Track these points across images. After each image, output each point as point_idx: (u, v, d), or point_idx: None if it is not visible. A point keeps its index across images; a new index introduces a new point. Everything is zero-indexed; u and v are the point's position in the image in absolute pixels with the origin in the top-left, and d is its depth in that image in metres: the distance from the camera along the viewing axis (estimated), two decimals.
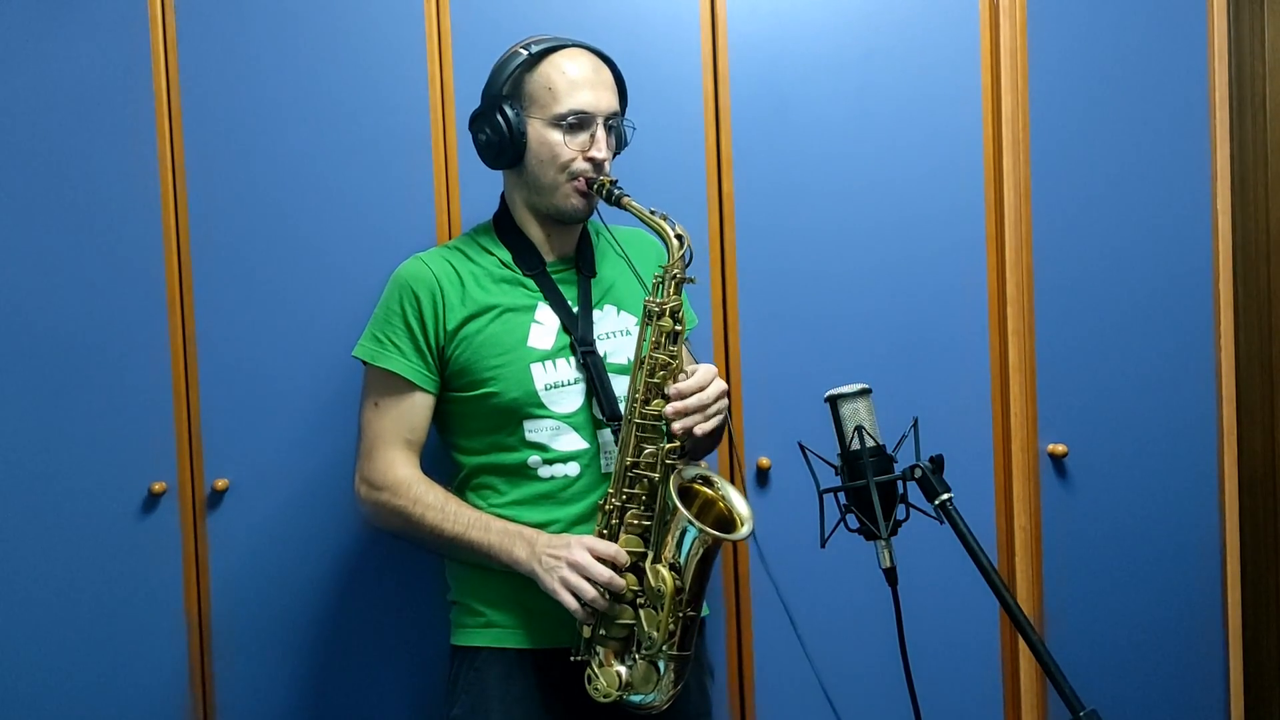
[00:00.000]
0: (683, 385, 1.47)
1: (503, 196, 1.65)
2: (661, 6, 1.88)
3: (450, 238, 1.85)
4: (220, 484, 1.83)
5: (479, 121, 1.58)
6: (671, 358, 1.49)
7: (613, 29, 1.84)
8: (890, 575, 1.29)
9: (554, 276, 1.61)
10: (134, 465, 1.83)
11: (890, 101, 1.91)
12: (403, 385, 1.56)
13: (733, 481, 1.54)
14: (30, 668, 1.82)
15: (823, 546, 1.29)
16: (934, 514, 1.28)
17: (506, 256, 1.60)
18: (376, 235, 1.85)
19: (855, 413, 1.32)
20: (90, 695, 1.83)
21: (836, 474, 1.34)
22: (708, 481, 1.51)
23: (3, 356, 1.81)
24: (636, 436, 1.49)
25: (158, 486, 1.82)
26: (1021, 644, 1.89)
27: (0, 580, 1.81)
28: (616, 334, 1.62)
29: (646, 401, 1.49)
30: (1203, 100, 1.94)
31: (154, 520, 1.83)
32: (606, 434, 1.57)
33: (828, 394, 1.34)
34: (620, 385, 1.57)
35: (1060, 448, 1.92)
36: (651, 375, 1.49)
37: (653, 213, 1.51)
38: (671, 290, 1.50)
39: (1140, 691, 1.97)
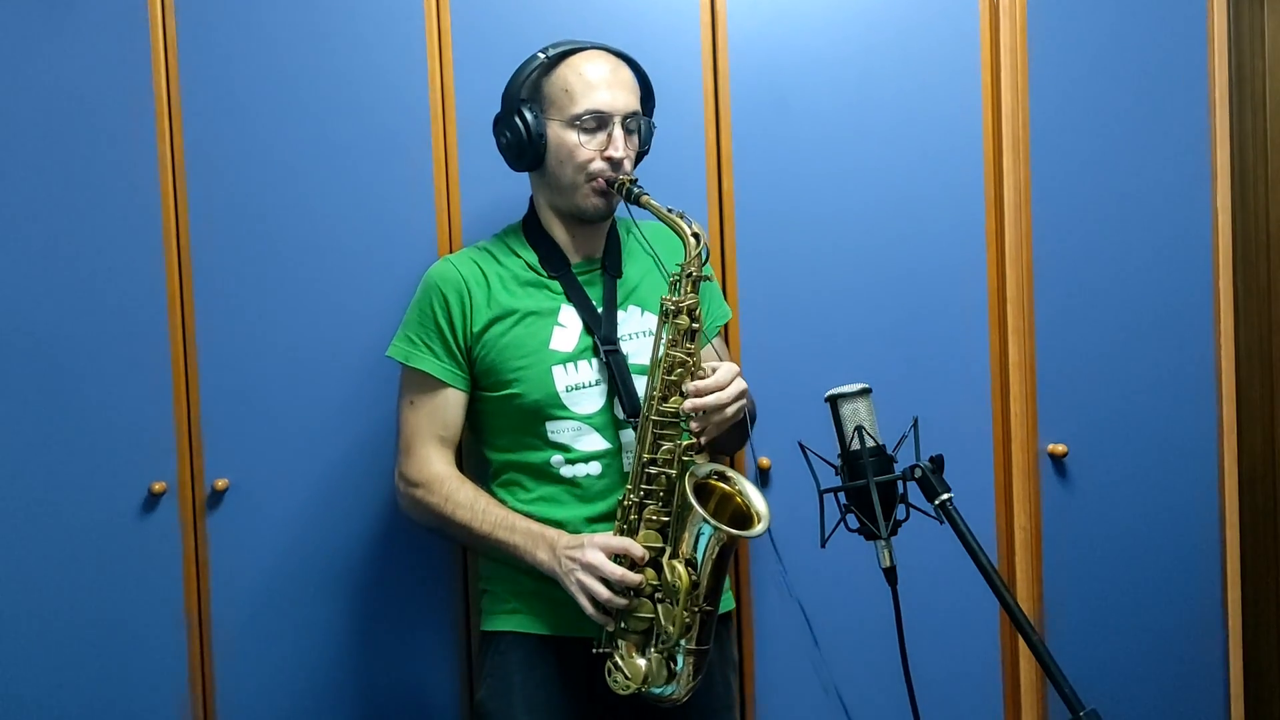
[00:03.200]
0: (701, 384, 1.48)
1: (531, 199, 1.67)
2: (661, 6, 1.87)
3: (450, 237, 1.85)
4: (220, 484, 1.83)
5: (500, 125, 1.61)
6: (689, 355, 1.50)
7: (613, 28, 1.83)
8: (890, 575, 1.29)
9: (579, 277, 1.63)
10: (134, 465, 1.82)
11: (890, 100, 1.91)
12: (435, 384, 1.60)
13: None
14: (30, 668, 1.81)
15: (823, 546, 1.29)
16: (934, 514, 1.28)
17: (533, 258, 1.63)
18: (376, 235, 1.85)
19: (855, 413, 1.32)
20: (90, 695, 1.83)
21: (836, 474, 1.34)
22: (724, 477, 1.52)
23: (3, 356, 1.80)
24: (654, 433, 1.50)
25: (158, 486, 1.82)
26: (1021, 644, 1.89)
27: (0, 580, 1.81)
28: (640, 334, 1.63)
29: (664, 399, 1.50)
30: (1203, 98, 1.94)
31: (154, 520, 1.83)
32: (629, 433, 1.58)
33: (828, 394, 1.34)
34: (642, 386, 1.57)
35: (1060, 448, 1.92)
36: (669, 373, 1.50)
37: (670, 211, 1.53)
38: (688, 288, 1.51)
39: (1140, 691, 1.97)
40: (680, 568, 1.44)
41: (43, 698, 1.82)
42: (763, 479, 1.90)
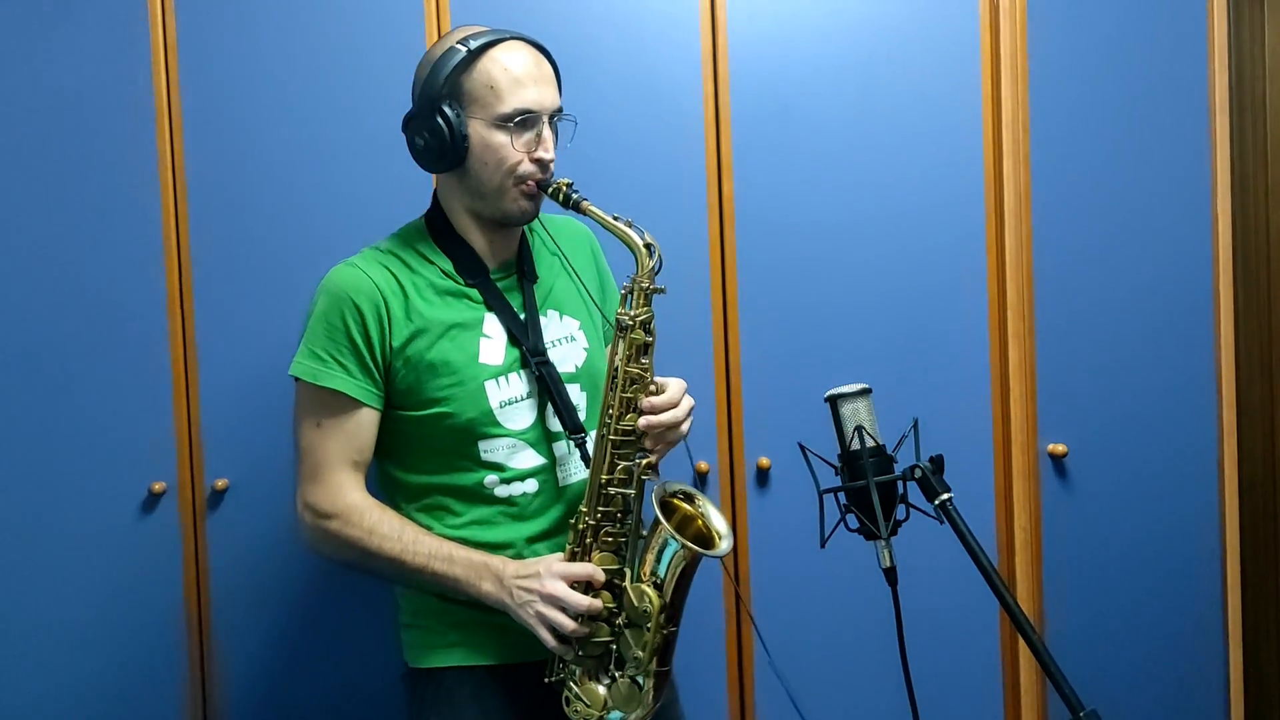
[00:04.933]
0: (656, 400, 1.43)
1: (435, 199, 1.55)
2: (661, 7, 1.88)
3: None
4: (220, 484, 1.83)
5: (415, 124, 1.47)
6: (644, 371, 1.44)
7: (612, 29, 1.84)
8: (890, 575, 1.29)
9: (498, 284, 1.52)
10: (134, 465, 1.83)
11: (890, 103, 1.91)
12: (349, 404, 1.45)
13: (732, 482, 1.53)
14: (31, 667, 1.82)
15: (823, 546, 1.29)
16: (934, 514, 1.28)
17: (448, 266, 1.50)
18: (377, 235, 1.84)
19: (855, 413, 1.32)
20: (90, 695, 1.83)
21: (836, 474, 1.34)
22: (689, 497, 1.48)
23: (3, 356, 1.81)
24: (611, 453, 1.43)
25: (158, 486, 1.82)
26: (1021, 644, 1.89)
27: (1, 580, 1.81)
28: (562, 341, 1.55)
29: (621, 416, 1.44)
30: (1203, 102, 1.95)
31: (154, 520, 1.83)
32: (561, 446, 1.51)
33: (828, 394, 1.34)
34: (570, 394, 1.52)
35: (1060, 448, 1.92)
36: (625, 390, 1.44)
37: (616, 219, 1.44)
38: (641, 301, 1.43)
39: (1140, 691, 1.97)
40: (649, 590, 1.39)
41: (43, 697, 1.82)
42: (762, 479, 1.90)
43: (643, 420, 1.42)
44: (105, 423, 1.82)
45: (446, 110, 1.43)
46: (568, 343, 1.55)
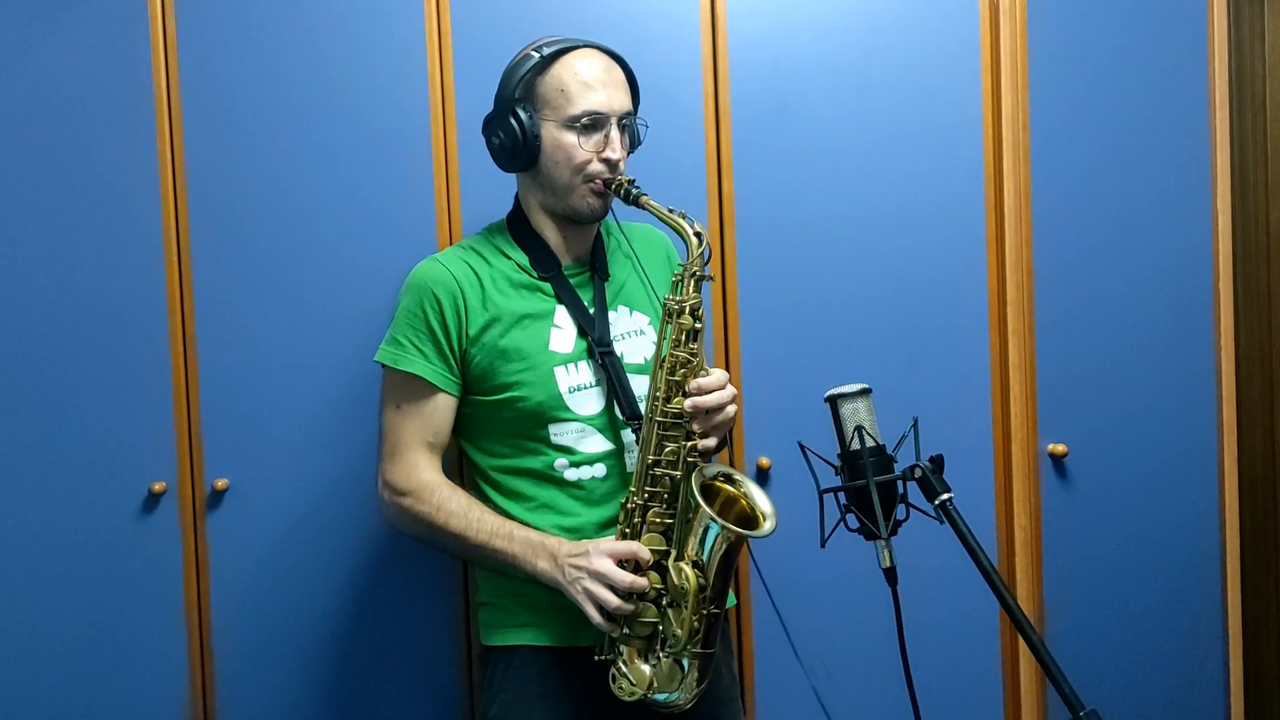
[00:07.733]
0: (703, 381, 1.48)
1: (517, 198, 1.65)
2: (661, 6, 1.88)
3: (450, 238, 1.85)
4: (220, 484, 1.83)
5: (492, 125, 1.58)
6: (692, 355, 1.50)
7: (613, 29, 1.84)
8: (890, 575, 1.29)
9: (570, 279, 1.61)
10: (134, 465, 1.82)
11: (890, 101, 1.91)
12: (425, 388, 1.55)
13: None
14: (30, 668, 1.81)
15: (823, 546, 1.29)
16: (934, 514, 1.28)
17: (523, 259, 1.60)
18: (377, 235, 1.85)
19: (855, 412, 1.32)
20: (90, 695, 1.83)
21: (836, 474, 1.34)
22: (730, 479, 1.52)
23: (3, 356, 1.80)
24: (658, 435, 1.49)
25: (158, 486, 1.82)
26: (1021, 644, 1.89)
27: (0, 580, 1.81)
28: (631, 334, 1.63)
29: (668, 399, 1.49)
30: (1203, 100, 1.95)
31: (154, 520, 1.83)
32: (629, 434, 1.57)
33: (828, 394, 1.34)
34: (637, 385, 1.57)
35: (1060, 448, 1.92)
36: (672, 373, 1.49)
37: (671, 211, 1.52)
38: (691, 288, 1.50)
39: (1140, 691, 1.97)
40: (688, 570, 1.43)
41: (43, 698, 1.82)
42: (762, 479, 1.90)
43: (689, 401, 1.47)
44: (105, 423, 1.82)
45: (520, 112, 1.53)
46: (637, 336, 1.63)
